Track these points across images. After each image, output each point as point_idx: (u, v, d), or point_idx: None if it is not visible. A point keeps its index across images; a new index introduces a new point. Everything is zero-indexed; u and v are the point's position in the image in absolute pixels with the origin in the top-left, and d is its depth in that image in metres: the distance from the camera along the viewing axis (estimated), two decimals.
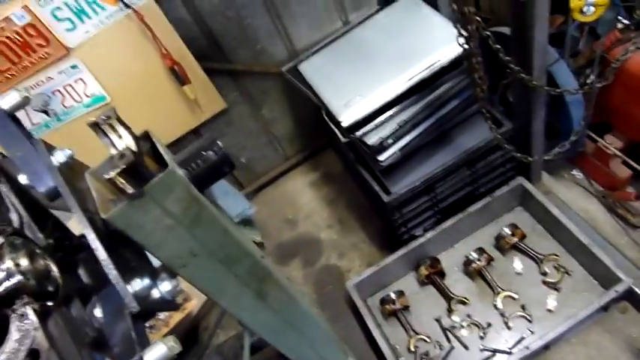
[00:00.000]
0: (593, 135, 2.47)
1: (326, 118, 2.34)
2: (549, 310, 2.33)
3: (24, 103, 1.22)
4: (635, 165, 2.35)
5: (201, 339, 2.46)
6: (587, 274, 2.37)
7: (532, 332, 2.30)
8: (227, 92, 2.93)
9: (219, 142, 1.24)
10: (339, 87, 2.26)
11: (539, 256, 2.46)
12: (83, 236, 1.19)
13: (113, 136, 1.16)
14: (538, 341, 2.15)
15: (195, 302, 2.73)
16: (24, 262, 1.10)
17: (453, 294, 2.50)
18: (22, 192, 1.28)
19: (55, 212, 1.34)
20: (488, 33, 1.76)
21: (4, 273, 1.04)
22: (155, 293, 1.26)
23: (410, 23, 2.34)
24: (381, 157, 2.26)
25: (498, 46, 1.82)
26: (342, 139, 2.29)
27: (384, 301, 2.54)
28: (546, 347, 2.22)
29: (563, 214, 2.41)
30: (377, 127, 2.22)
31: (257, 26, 2.75)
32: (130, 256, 1.23)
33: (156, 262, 1.35)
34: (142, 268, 1.23)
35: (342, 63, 2.38)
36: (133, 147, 1.15)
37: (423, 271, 2.57)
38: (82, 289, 1.21)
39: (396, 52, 2.26)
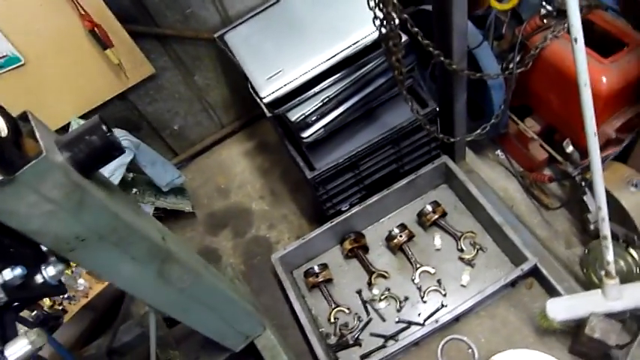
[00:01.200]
0: (514, 118, 2.53)
1: (252, 91, 2.29)
2: (463, 285, 2.44)
3: None
4: (549, 149, 2.44)
5: (126, 309, 2.44)
6: (500, 251, 2.49)
7: (445, 306, 2.41)
8: (156, 57, 2.81)
9: (103, 127, 1.19)
10: (262, 60, 2.21)
11: (457, 233, 2.56)
12: None
13: None
14: (447, 315, 2.25)
15: None
16: None
17: (374, 268, 2.58)
18: None
19: None
20: (405, 16, 1.75)
21: None
22: (38, 279, 1.23)
23: None
24: (304, 134, 2.25)
25: (416, 29, 1.81)
26: (267, 114, 2.26)
27: (308, 273, 2.59)
28: (457, 319, 2.34)
29: (480, 193, 2.49)
30: (300, 103, 2.20)
31: None
32: (10, 242, 1.19)
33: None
34: (22, 254, 1.19)
35: (267, 35, 2.31)
36: (5, 131, 1.10)
37: (347, 245, 2.62)
38: None
39: (323, 26, 2.22)
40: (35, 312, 2.42)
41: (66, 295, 2.48)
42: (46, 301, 2.46)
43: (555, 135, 2.47)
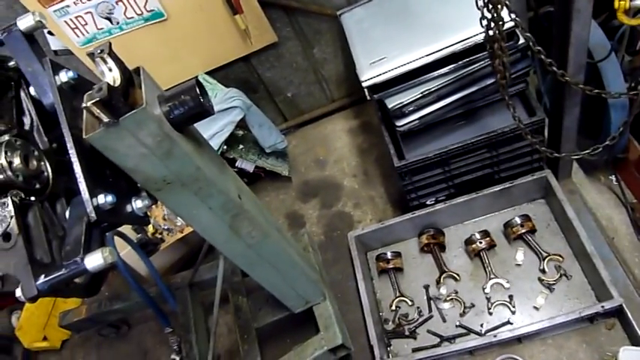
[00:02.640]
0: (635, 143, 2.29)
1: (357, 72, 2.35)
2: (535, 308, 2.33)
3: (37, 27, 1.40)
4: None
5: (208, 250, 2.72)
6: (587, 282, 2.31)
7: (511, 323, 2.32)
8: (280, 27, 2.98)
9: (197, 89, 1.35)
10: (369, 44, 2.25)
11: (543, 252, 2.42)
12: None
13: (104, 68, 1.32)
14: (507, 332, 2.18)
15: None
16: (16, 161, 1.31)
17: (446, 267, 2.55)
18: (36, 101, 1.49)
19: None
20: (517, 19, 1.67)
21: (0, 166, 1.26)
22: (128, 208, 1.46)
23: None
24: (399, 123, 2.26)
25: (528, 35, 1.72)
26: (367, 97, 2.31)
27: (379, 258, 2.65)
28: (519, 340, 2.25)
29: (577, 217, 2.32)
30: (401, 91, 2.21)
31: None
32: (110, 173, 1.42)
33: None
34: (118, 185, 1.42)
35: (379, 20, 2.33)
36: (118, 81, 1.31)
37: (425, 239, 2.62)
38: (71, 189, 1.42)
39: (435, 19, 2.18)
40: (140, 235, 2.80)
41: (166, 227, 2.83)
42: (150, 229, 2.83)
43: None
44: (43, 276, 1.16)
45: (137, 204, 1.47)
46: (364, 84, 2.17)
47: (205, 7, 2.70)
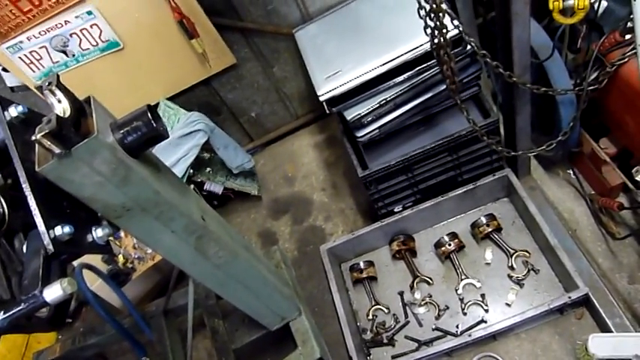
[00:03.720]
0: (587, 137, 2.38)
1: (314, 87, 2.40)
2: (507, 304, 2.37)
3: None
4: (621, 175, 2.27)
5: (179, 275, 2.70)
6: (554, 275, 2.37)
7: (485, 321, 2.36)
8: (238, 48, 3.02)
9: (148, 114, 1.37)
10: (324, 59, 2.30)
11: (510, 250, 2.47)
12: None
13: (53, 100, 1.32)
14: (481, 331, 2.21)
15: None
16: None
17: (419, 272, 2.58)
18: None
19: None
20: (460, 25, 1.74)
21: None
22: (88, 238, 1.45)
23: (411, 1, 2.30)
24: (359, 134, 2.31)
25: (472, 40, 1.79)
26: (327, 111, 2.35)
27: (353, 268, 2.67)
28: (494, 338, 2.29)
29: (539, 212, 2.39)
30: (358, 103, 2.26)
31: None
32: (68, 204, 1.41)
33: None
34: (76, 215, 1.41)
35: (332, 35, 2.39)
36: (68, 112, 1.31)
37: (395, 246, 2.65)
38: (29, 224, 1.41)
39: (387, 31, 2.25)
40: (111, 266, 2.76)
41: (137, 256, 2.79)
42: (120, 259, 2.80)
43: (631, 160, 2.28)
44: (2, 312, 1.15)
45: (97, 233, 1.46)
46: (321, 98, 2.22)
47: (161, 33, 2.72)
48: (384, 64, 2.12)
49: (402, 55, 2.11)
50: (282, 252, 2.80)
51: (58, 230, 1.27)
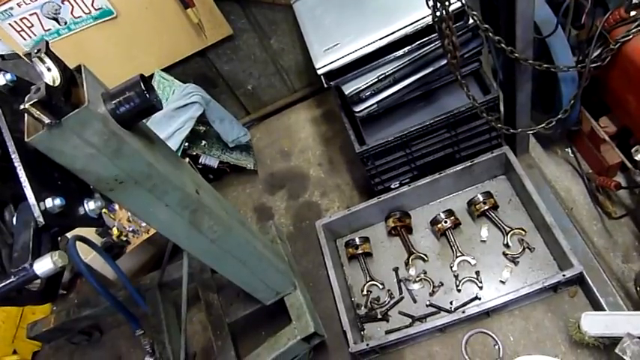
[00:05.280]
0: (587, 115, 2.35)
1: (312, 60, 2.34)
2: (502, 282, 2.38)
3: None
4: (620, 154, 2.25)
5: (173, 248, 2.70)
6: (549, 253, 2.37)
7: (479, 298, 2.37)
8: (235, 19, 2.95)
9: (141, 85, 1.33)
10: (322, 31, 2.24)
11: (506, 227, 2.47)
12: None
13: (42, 68, 1.27)
14: (475, 308, 2.22)
15: None
16: None
17: (414, 249, 2.58)
18: None
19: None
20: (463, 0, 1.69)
21: None
22: (80, 210, 1.43)
23: None
24: (357, 108, 2.27)
25: (474, 13, 1.74)
26: (325, 85, 2.31)
27: (348, 244, 2.67)
28: (487, 314, 2.30)
29: (536, 191, 2.37)
30: (356, 77, 2.22)
31: None
32: (59, 175, 1.38)
33: None
34: (67, 187, 1.38)
35: (331, 7, 2.33)
36: (58, 80, 1.27)
37: (391, 222, 2.65)
38: (19, 195, 1.38)
39: (388, 2, 2.19)
40: (105, 239, 2.75)
41: (131, 229, 2.78)
42: (115, 232, 2.78)
43: (631, 139, 2.26)
44: None
45: (90, 205, 1.43)
46: (319, 71, 2.17)
47: (155, 2, 2.65)
48: (383, 38, 2.07)
49: (403, 28, 2.06)
50: (278, 227, 2.79)
51: (49, 202, 1.24)
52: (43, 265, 1.13)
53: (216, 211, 1.75)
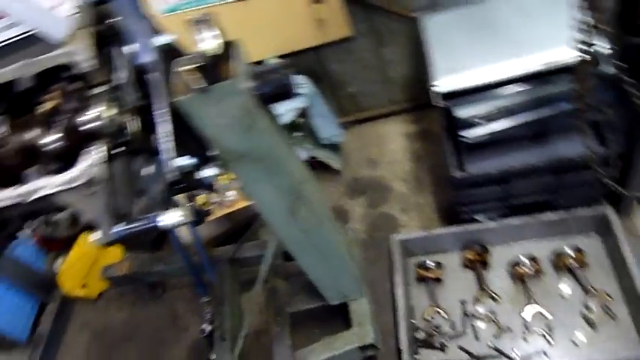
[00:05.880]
0: None
1: (428, 77, 2.34)
2: (574, 343, 2.26)
3: None
4: None
5: (253, 231, 2.78)
6: (633, 327, 2.24)
7: (546, 355, 2.27)
8: (356, 21, 2.98)
9: (287, 71, 1.38)
10: (450, 51, 2.23)
11: (590, 289, 2.35)
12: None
13: (203, 36, 1.36)
14: None
15: None
16: (113, 112, 1.37)
17: (487, 286, 2.51)
18: (132, 58, 1.55)
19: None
20: (613, 49, 1.63)
21: (95, 115, 1.32)
22: (199, 174, 1.51)
23: (552, 9, 2.17)
24: (466, 134, 2.24)
25: (622, 65, 1.67)
26: (436, 103, 2.29)
27: (421, 265, 2.64)
28: None
29: (634, 261, 2.24)
30: (473, 102, 2.19)
31: None
32: (190, 138, 1.46)
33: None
34: (195, 151, 1.46)
35: (463, 29, 2.30)
36: (216, 51, 1.35)
37: (469, 254, 2.59)
38: (150, 148, 1.48)
39: (521, 36, 2.14)
40: (191, 203, 2.87)
41: (216, 200, 2.89)
42: (201, 199, 2.90)
43: None
44: (121, 225, 1.22)
45: (208, 172, 1.51)
46: (437, 89, 2.16)
47: None
48: (513, 70, 2.03)
49: (536, 64, 2.01)
50: (353, 231, 2.81)
51: (183, 161, 1.32)
52: (170, 219, 1.20)
53: (314, 202, 1.79)
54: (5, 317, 3.03)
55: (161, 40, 1.41)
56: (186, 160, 1.31)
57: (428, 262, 2.63)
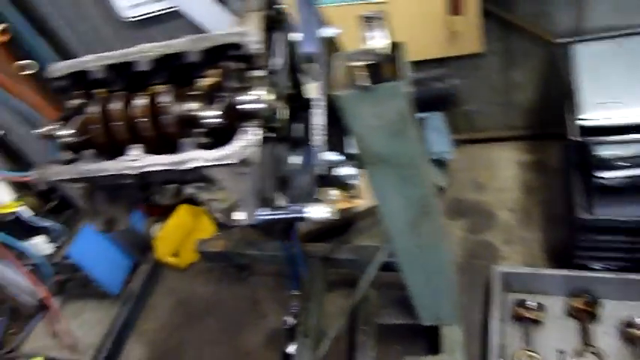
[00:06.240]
0: None
1: (567, 108, 2.19)
2: None
3: None
4: None
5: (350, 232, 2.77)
6: None
7: None
8: (490, 39, 2.87)
9: (455, 80, 1.33)
10: (601, 83, 2.06)
11: None
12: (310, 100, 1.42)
13: (373, 34, 1.34)
14: None
15: (362, 202, 2.98)
16: (271, 97, 1.38)
17: (591, 342, 2.31)
18: (291, 45, 1.56)
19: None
20: None
21: (256, 97, 1.33)
22: (335, 171, 1.49)
23: None
24: (603, 175, 2.07)
25: None
26: (573, 137, 2.14)
27: (522, 304, 2.47)
28: None
29: None
30: (616, 142, 2.02)
31: None
32: (335, 133, 1.45)
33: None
34: (339, 147, 1.45)
35: (619, 61, 2.13)
36: (386, 50, 1.32)
37: (578, 303, 2.40)
38: (291, 137, 1.48)
39: None
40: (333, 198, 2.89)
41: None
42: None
43: None
44: (267, 210, 1.22)
45: (346, 170, 1.49)
46: (581, 122, 2.01)
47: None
48: None
49: None
50: (455, 256, 2.70)
51: (332, 155, 1.31)
52: (316, 212, 1.19)
53: (439, 219, 1.72)
54: (104, 269, 3.23)
55: (328, 32, 1.41)
56: (335, 156, 1.30)
57: (529, 301, 2.47)
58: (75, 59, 1.31)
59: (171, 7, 3.12)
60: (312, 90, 1.43)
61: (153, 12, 3.19)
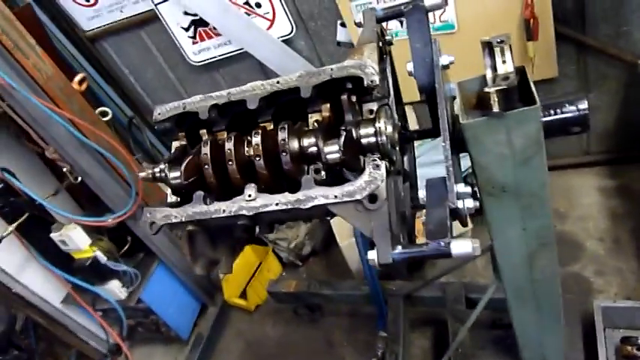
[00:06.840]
0: None
1: None
2: None
3: (440, 5, 1.42)
4: None
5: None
6: None
7: None
8: (564, 62, 2.78)
9: (586, 103, 1.25)
10: None
11: None
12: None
13: (498, 59, 1.28)
14: None
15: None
16: (389, 129, 1.33)
17: None
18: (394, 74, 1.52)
19: None
20: None
21: (377, 129, 1.28)
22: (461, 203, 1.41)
23: None
24: None
25: None
26: None
27: (628, 341, 2.29)
28: None
29: None
30: None
31: (637, 6, 2.48)
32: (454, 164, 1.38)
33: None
34: (458, 178, 1.37)
35: None
36: (511, 76, 1.26)
37: None
38: (403, 170, 1.42)
39: None
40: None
41: None
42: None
43: None
44: (399, 247, 1.14)
45: (468, 203, 1.40)
46: None
47: (500, 26, 2.63)
48: None
49: None
50: None
51: (460, 187, 1.23)
52: (461, 247, 1.10)
53: (556, 251, 1.61)
54: (174, 313, 3.18)
55: (444, 60, 1.36)
56: (461, 188, 1.22)
57: (638, 338, 2.27)
58: (176, 102, 1.30)
59: (235, 51, 3.17)
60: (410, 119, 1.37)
61: (216, 56, 3.26)
